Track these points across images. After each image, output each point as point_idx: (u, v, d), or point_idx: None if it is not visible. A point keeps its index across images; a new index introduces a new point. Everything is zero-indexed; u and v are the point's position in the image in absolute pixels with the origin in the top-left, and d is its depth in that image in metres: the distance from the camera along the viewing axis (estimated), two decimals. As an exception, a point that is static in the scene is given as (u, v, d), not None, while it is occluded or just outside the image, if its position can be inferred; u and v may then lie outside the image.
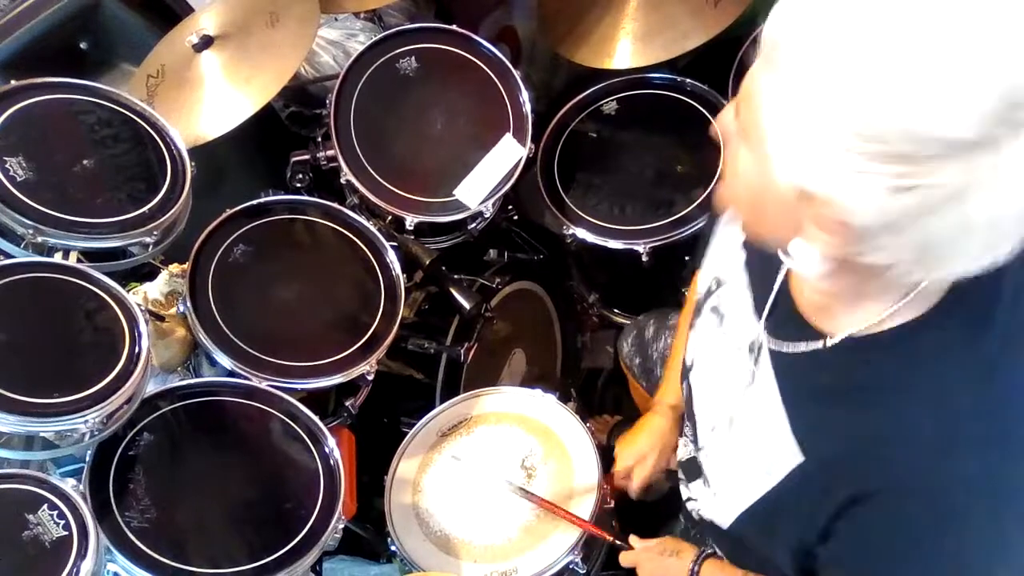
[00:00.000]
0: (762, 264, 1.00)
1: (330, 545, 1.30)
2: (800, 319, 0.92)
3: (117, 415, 1.23)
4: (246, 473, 1.34)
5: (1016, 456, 0.80)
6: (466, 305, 1.62)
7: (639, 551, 1.28)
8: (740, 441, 1.03)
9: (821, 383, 0.90)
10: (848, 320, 0.85)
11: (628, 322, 1.81)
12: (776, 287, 0.96)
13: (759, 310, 0.99)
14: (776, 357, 0.95)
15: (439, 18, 2.17)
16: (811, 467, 0.90)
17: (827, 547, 0.90)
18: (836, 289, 0.84)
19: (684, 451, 1.21)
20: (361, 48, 1.71)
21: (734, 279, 1.06)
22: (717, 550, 1.24)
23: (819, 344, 0.89)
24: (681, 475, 1.22)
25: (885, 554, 0.85)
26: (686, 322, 1.24)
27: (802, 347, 0.91)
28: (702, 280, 1.15)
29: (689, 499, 1.18)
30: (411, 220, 1.63)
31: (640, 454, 1.38)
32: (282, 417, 1.37)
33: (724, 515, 1.06)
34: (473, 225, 1.71)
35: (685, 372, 1.18)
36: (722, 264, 1.10)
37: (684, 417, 1.22)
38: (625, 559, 1.30)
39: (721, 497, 1.08)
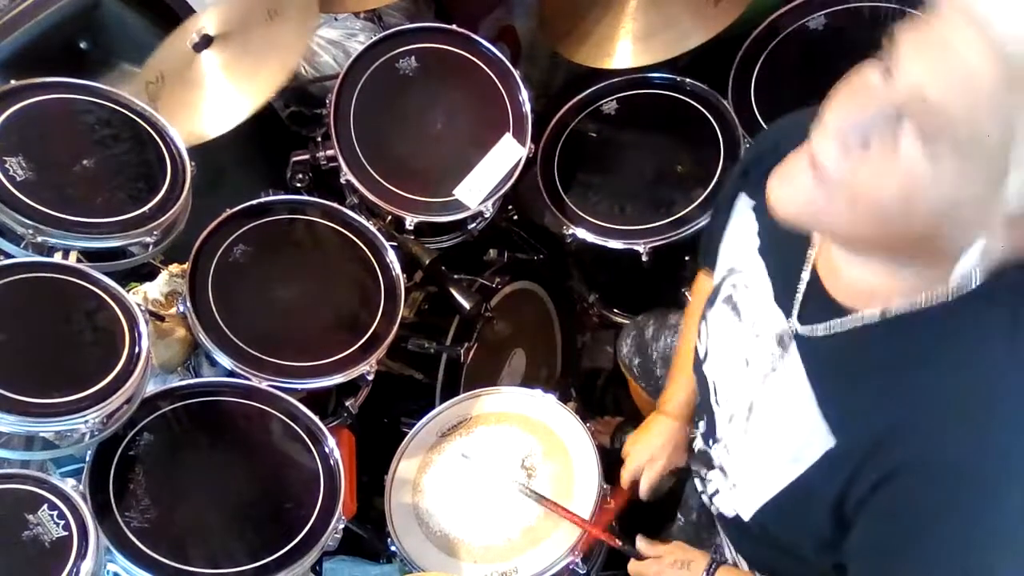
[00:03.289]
0: (783, 251, 1.00)
1: (330, 545, 1.30)
2: (833, 302, 0.92)
3: (117, 415, 1.23)
4: (246, 473, 1.33)
5: None
6: (466, 305, 1.62)
7: (648, 563, 1.27)
8: (761, 430, 1.03)
9: (855, 362, 0.90)
10: (888, 299, 0.86)
11: (628, 322, 1.81)
12: (807, 274, 0.96)
13: (782, 298, 0.99)
14: (806, 342, 0.95)
15: (439, 18, 2.17)
16: (842, 450, 0.89)
17: (858, 526, 0.90)
18: (891, 263, 0.84)
19: (700, 443, 1.21)
20: (361, 48, 1.71)
21: (750, 268, 1.06)
22: (727, 554, 1.24)
23: (856, 323, 0.89)
24: (695, 467, 1.21)
25: (917, 529, 0.85)
26: (693, 317, 1.23)
27: (836, 328, 0.91)
28: (719, 266, 1.15)
29: (703, 492, 1.18)
30: (411, 220, 1.63)
31: (650, 456, 1.38)
32: (282, 417, 1.37)
33: (746, 507, 1.05)
34: (473, 225, 1.71)
35: (698, 363, 1.18)
36: (735, 253, 1.10)
37: (696, 410, 1.22)
38: (633, 570, 1.29)
39: (742, 488, 1.07)
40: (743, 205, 1.09)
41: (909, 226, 0.76)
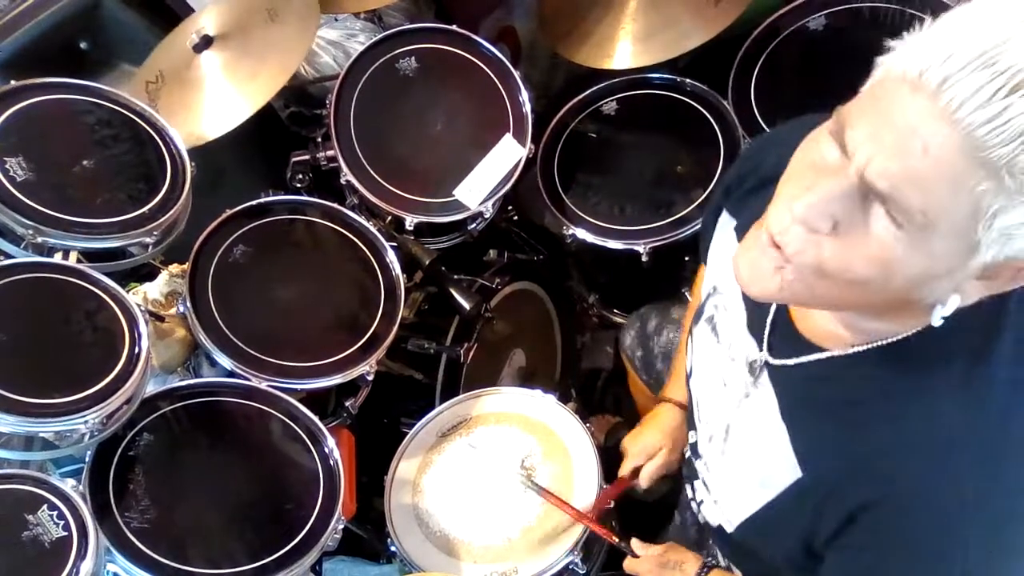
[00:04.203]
0: None
1: (330, 546, 1.30)
2: (801, 338, 0.92)
3: (117, 415, 1.24)
4: (246, 473, 1.33)
5: (1009, 476, 0.80)
6: (466, 305, 1.62)
7: (641, 561, 1.28)
8: (736, 453, 1.03)
9: (822, 397, 0.90)
10: (853, 338, 0.86)
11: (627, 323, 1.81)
12: (774, 305, 0.96)
13: (753, 325, 0.99)
14: (776, 372, 0.95)
15: (439, 18, 2.17)
16: (809, 483, 0.90)
17: (827, 559, 0.90)
18: (864, 314, 0.84)
19: (689, 453, 1.21)
20: (361, 48, 1.71)
21: (728, 289, 1.06)
22: (719, 558, 1.24)
23: (822, 358, 0.89)
24: (686, 473, 1.21)
25: (883, 565, 0.85)
26: (692, 312, 1.23)
27: (803, 361, 0.91)
28: (705, 283, 1.15)
29: (692, 500, 1.18)
30: (411, 220, 1.63)
31: (649, 451, 1.38)
32: (282, 417, 1.37)
33: (728, 521, 1.06)
34: (473, 225, 1.71)
35: (687, 377, 1.18)
36: (718, 271, 1.10)
37: (688, 421, 1.22)
38: (628, 567, 1.30)
39: (722, 505, 1.08)
40: (724, 222, 1.09)
41: (882, 292, 0.74)
